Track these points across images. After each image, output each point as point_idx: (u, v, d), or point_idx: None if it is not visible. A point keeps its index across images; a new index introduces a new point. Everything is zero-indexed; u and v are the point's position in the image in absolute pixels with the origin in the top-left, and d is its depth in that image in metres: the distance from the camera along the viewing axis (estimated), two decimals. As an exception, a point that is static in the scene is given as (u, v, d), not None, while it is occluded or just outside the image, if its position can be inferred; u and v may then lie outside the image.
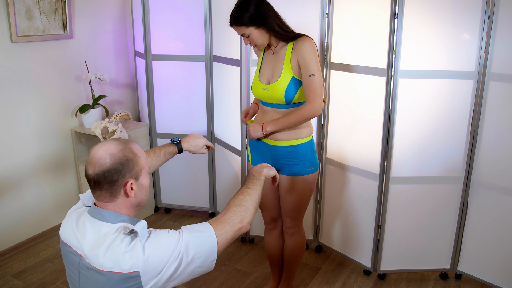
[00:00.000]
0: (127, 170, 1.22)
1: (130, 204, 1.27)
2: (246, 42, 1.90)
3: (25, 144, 2.77)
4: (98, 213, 1.24)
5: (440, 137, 2.24)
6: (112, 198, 1.23)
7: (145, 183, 1.29)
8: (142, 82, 3.18)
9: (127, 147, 1.24)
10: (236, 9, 1.84)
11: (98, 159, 1.20)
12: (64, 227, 1.30)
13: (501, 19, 2.01)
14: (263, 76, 1.93)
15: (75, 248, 1.24)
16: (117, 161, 1.20)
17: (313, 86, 1.80)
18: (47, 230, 2.98)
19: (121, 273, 1.14)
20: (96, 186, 1.22)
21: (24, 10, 2.60)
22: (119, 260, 1.14)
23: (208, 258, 1.22)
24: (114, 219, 1.23)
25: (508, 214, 2.21)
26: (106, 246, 1.17)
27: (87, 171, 1.23)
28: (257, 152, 2.06)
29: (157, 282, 1.16)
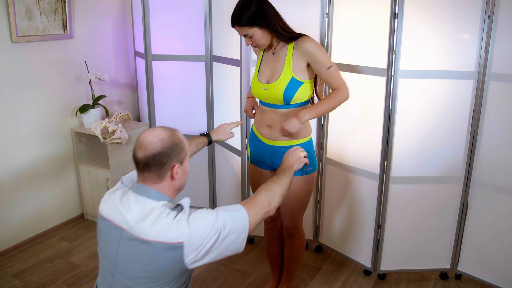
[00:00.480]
0: (175, 154, 1.33)
1: (174, 186, 1.37)
2: (248, 43, 1.87)
3: (25, 144, 2.77)
4: (143, 190, 1.34)
5: (440, 137, 2.24)
6: (159, 180, 1.34)
7: (187, 168, 1.42)
8: (142, 82, 3.18)
9: (175, 134, 1.36)
10: (238, 9, 1.82)
11: (149, 143, 1.31)
12: (105, 205, 1.39)
13: (501, 19, 2.01)
14: (262, 75, 1.93)
15: (117, 222, 1.32)
16: (167, 145, 1.32)
17: (335, 76, 1.86)
18: (47, 230, 2.98)
19: (166, 243, 1.23)
20: (145, 168, 1.33)
21: (24, 10, 2.60)
22: (165, 230, 1.24)
23: (240, 236, 1.32)
24: (159, 197, 1.33)
25: (508, 214, 2.21)
26: (153, 218, 1.26)
27: (136, 154, 1.34)
28: (257, 152, 2.06)
29: (196, 255, 1.26)
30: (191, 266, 1.29)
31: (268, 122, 1.97)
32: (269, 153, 2.00)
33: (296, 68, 1.86)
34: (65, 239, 2.94)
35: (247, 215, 1.35)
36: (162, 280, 1.29)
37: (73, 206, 3.15)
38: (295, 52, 1.86)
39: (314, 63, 1.85)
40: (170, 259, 1.25)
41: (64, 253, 2.77)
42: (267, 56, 1.95)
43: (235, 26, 1.85)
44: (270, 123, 1.96)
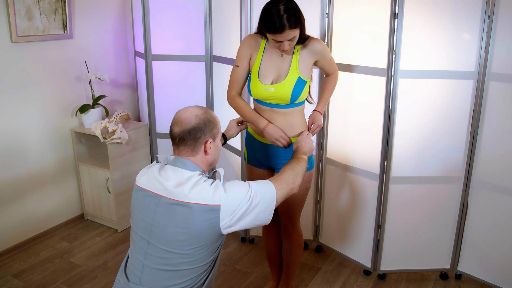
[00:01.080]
0: (208, 130, 1.45)
1: (207, 161, 1.49)
2: (287, 47, 1.78)
3: (25, 144, 2.77)
4: (180, 162, 1.44)
5: (440, 137, 2.24)
6: (193, 153, 1.45)
7: (219, 145, 1.53)
8: (142, 82, 3.18)
9: (208, 112, 1.48)
10: (285, 12, 1.71)
11: (185, 118, 1.43)
12: (142, 177, 1.48)
13: (501, 19, 2.01)
14: (264, 77, 1.90)
15: (155, 191, 1.42)
16: (201, 121, 1.43)
17: (333, 63, 2.04)
18: (47, 230, 2.98)
19: (205, 205, 1.35)
20: (181, 142, 1.44)
21: (24, 10, 2.60)
22: (204, 193, 1.35)
23: (269, 207, 1.44)
24: (194, 168, 1.44)
25: (508, 214, 2.21)
26: (192, 183, 1.38)
27: (173, 130, 1.45)
28: (254, 152, 2.06)
29: (231, 219, 1.37)
30: (225, 231, 1.39)
31: None
32: (266, 153, 2.00)
33: (302, 68, 1.88)
34: (65, 239, 2.94)
35: (275, 189, 1.47)
36: (197, 244, 1.38)
37: (73, 206, 3.15)
38: (304, 53, 1.89)
39: (323, 59, 1.96)
40: (207, 222, 1.35)
41: (64, 253, 2.77)
42: (270, 57, 1.91)
43: (285, 30, 1.72)
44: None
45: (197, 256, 1.40)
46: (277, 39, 1.75)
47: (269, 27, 1.74)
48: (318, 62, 1.96)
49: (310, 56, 1.90)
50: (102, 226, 3.10)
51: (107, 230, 3.06)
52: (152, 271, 1.41)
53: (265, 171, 2.07)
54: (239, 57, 1.96)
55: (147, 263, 1.42)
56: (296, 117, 1.95)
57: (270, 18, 1.73)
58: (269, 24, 1.73)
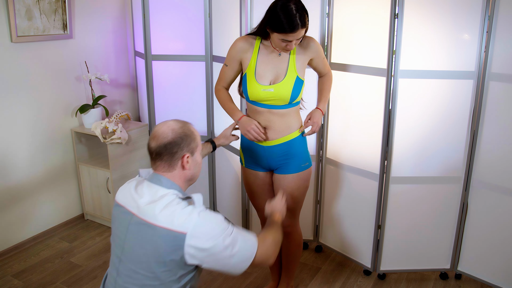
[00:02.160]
0: (185, 144, 1.40)
1: (185, 176, 1.44)
2: (293, 47, 1.78)
3: (25, 144, 2.77)
4: (156, 179, 1.41)
5: (440, 137, 2.24)
6: (170, 169, 1.41)
7: (199, 159, 1.47)
8: (142, 82, 3.18)
9: (186, 126, 1.43)
10: (297, 11, 1.70)
11: (162, 133, 1.39)
12: (121, 192, 1.46)
13: (501, 19, 2.01)
14: (262, 77, 1.89)
15: (129, 207, 1.39)
16: (178, 135, 1.39)
17: (326, 62, 2.07)
18: (47, 230, 2.98)
19: (170, 230, 1.29)
20: (157, 157, 1.40)
21: (24, 10, 2.60)
22: (173, 217, 1.29)
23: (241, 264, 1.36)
24: (170, 186, 1.39)
25: (508, 214, 2.21)
26: (163, 203, 1.33)
27: (150, 144, 1.42)
28: (250, 155, 2.05)
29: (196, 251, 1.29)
30: (190, 261, 1.32)
31: (264, 124, 1.95)
32: (265, 155, 2.00)
33: (299, 67, 1.89)
34: (65, 239, 2.94)
35: (256, 249, 1.40)
36: (164, 267, 1.32)
37: (73, 206, 3.15)
38: (301, 51, 1.89)
39: (317, 58, 1.98)
40: (171, 247, 1.29)
41: (64, 253, 2.77)
42: (266, 57, 1.90)
43: (298, 29, 1.71)
44: (267, 124, 1.95)
45: (165, 280, 1.34)
46: (287, 38, 1.74)
47: (279, 26, 1.72)
48: (313, 61, 1.98)
49: (306, 55, 1.91)
50: (102, 226, 3.10)
51: (107, 230, 3.06)
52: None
53: (264, 173, 2.06)
54: (228, 58, 1.96)
55: (118, 280, 1.39)
56: (293, 117, 1.96)
57: (280, 17, 1.70)
58: (279, 24, 1.71)
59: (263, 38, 1.90)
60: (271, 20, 1.74)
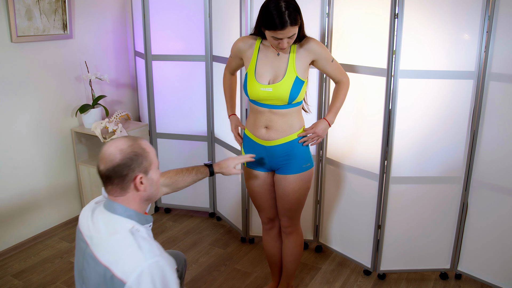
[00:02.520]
0: (136, 165, 1.28)
1: (140, 198, 1.33)
2: (286, 45, 1.79)
3: (25, 144, 2.77)
4: (110, 206, 1.32)
5: (440, 137, 2.24)
6: (122, 192, 1.30)
7: (155, 177, 1.35)
8: (142, 82, 3.18)
9: (136, 143, 1.31)
10: (287, 8, 1.71)
11: (109, 155, 1.28)
12: (82, 214, 1.39)
13: (501, 19, 2.01)
14: (260, 76, 1.90)
15: (84, 236, 1.32)
16: (126, 156, 1.27)
17: (338, 66, 2.00)
18: (47, 230, 2.98)
19: (111, 271, 1.20)
20: (108, 181, 1.30)
21: (24, 10, 2.60)
22: (118, 260, 1.20)
23: None
24: (123, 212, 1.30)
25: (508, 214, 2.21)
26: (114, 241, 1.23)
27: (99, 167, 1.30)
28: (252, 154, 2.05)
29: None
30: None
31: (266, 124, 1.96)
32: (267, 155, 2.00)
33: (299, 67, 1.88)
34: (65, 239, 2.94)
35: None
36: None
37: (73, 206, 3.15)
38: (300, 52, 1.88)
39: (320, 60, 1.93)
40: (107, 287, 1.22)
41: (64, 253, 2.77)
42: (266, 57, 1.91)
43: (286, 27, 1.72)
44: (268, 124, 1.95)
45: None
46: (277, 36, 1.75)
47: (269, 24, 1.74)
48: (317, 64, 1.94)
49: (307, 56, 1.90)
50: (102, 226, 3.10)
51: (107, 230, 3.05)
52: None
53: (266, 173, 2.06)
54: (231, 53, 2.07)
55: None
56: (295, 118, 1.95)
57: (270, 14, 1.72)
58: (270, 21, 1.73)
59: (263, 38, 1.91)
60: (263, 18, 1.77)
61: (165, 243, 2.87)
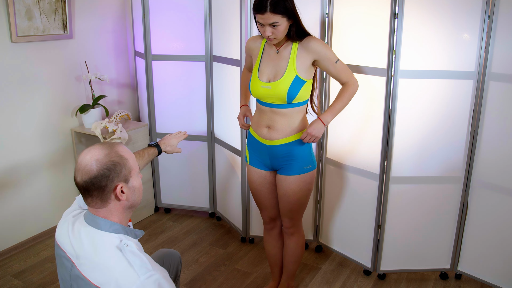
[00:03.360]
0: (115, 175, 1.20)
1: (123, 207, 1.25)
2: (268, 33, 1.80)
3: (25, 144, 2.77)
4: (93, 221, 1.23)
5: (440, 137, 2.24)
6: (103, 204, 1.22)
7: (136, 184, 1.27)
8: (142, 82, 3.18)
9: (113, 151, 1.22)
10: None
11: (85, 166, 1.19)
12: (59, 230, 1.29)
13: (501, 19, 2.01)
14: (262, 74, 1.92)
15: (68, 254, 1.23)
16: (104, 166, 1.19)
17: (344, 68, 1.95)
18: (47, 230, 2.98)
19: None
20: (87, 193, 1.21)
21: (24, 10, 2.60)
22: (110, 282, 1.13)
23: None
24: (109, 227, 1.21)
25: (508, 214, 2.21)
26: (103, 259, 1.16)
27: (75, 178, 1.22)
28: (256, 153, 2.06)
29: None
30: None
31: (267, 123, 1.96)
32: (269, 154, 2.00)
33: (300, 67, 1.87)
34: (65, 239, 2.94)
35: None
36: None
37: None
38: (301, 51, 1.88)
39: (322, 60, 1.90)
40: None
41: (64, 253, 2.76)
42: (268, 55, 1.94)
43: (265, 12, 1.74)
44: (270, 124, 1.96)
45: None
46: (258, 20, 1.79)
47: (253, 5, 1.78)
48: (319, 64, 1.92)
49: (307, 55, 1.88)
50: (102, 226, 3.10)
51: (107, 230, 3.05)
52: None
53: (267, 172, 2.07)
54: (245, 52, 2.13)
55: None
56: (297, 119, 1.95)
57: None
58: (255, 3, 1.78)
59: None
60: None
61: (165, 243, 2.87)
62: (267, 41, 1.89)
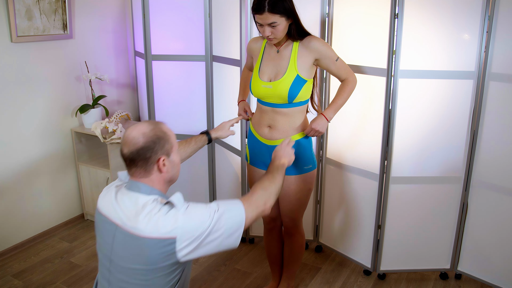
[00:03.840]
0: (159, 147, 1.34)
1: (163, 179, 1.39)
2: (268, 33, 1.80)
3: (25, 144, 2.77)
4: (134, 186, 1.36)
5: (440, 137, 2.24)
6: (146, 174, 1.36)
7: (176, 160, 1.42)
8: (142, 82, 3.18)
9: (157, 127, 1.37)
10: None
11: (132, 139, 1.33)
12: (102, 200, 1.42)
13: (501, 19, 2.01)
14: (263, 74, 1.93)
15: (112, 218, 1.35)
16: (149, 139, 1.33)
17: (343, 66, 1.97)
18: (47, 230, 2.98)
19: (158, 238, 1.25)
20: (132, 164, 1.35)
21: (24, 10, 2.60)
22: (158, 226, 1.26)
23: (236, 232, 1.34)
24: (149, 192, 1.35)
25: (508, 214, 2.21)
26: (145, 213, 1.28)
27: (122, 150, 1.36)
28: (257, 153, 2.06)
29: (189, 249, 1.28)
30: (184, 259, 1.30)
31: (268, 123, 1.97)
32: (269, 154, 2.00)
33: (301, 66, 1.87)
34: (65, 239, 2.94)
35: (244, 213, 1.36)
36: (156, 274, 1.31)
37: (73, 206, 3.15)
38: (302, 50, 1.88)
39: (323, 59, 1.91)
40: (162, 254, 1.27)
41: (64, 253, 2.77)
42: (269, 55, 1.94)
43: (264, 12, 1.74)
44: (271, 123, 1.96)
45: (159, 284, 1.33)
46: (258, 20, 1.80)
47: (252, 6, 1.79)
48: (320, 63, 1.92)
49: (309, 54, 1.89)
50: (102, 226, 3.10)
51: (107, 230, 3.05)
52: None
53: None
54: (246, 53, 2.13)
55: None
56: (298, 118, 1.95)
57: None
58: (253, 3, 1.78)
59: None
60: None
61: (165, 243, 2.87)
62: (267, 41, 1.89)
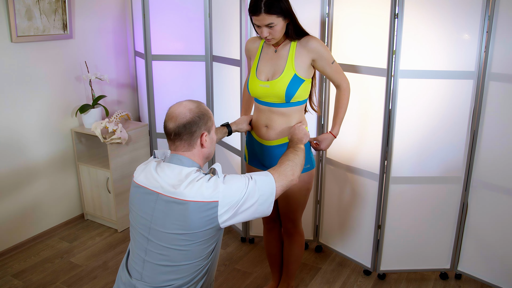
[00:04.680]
0: (203, 123, 1.46)
1: (203, 154, 1.50)
2: (266, 34, 1.81)
3: (25, 144, 2.77)
4: (176, 159, 1.46)
5: (440, 137, 2.24)
6: (189, 148, 1.46)
7: (215, 137, 1.55)
8: (142, 82, 3.18)
9: (202, 105, 1.50)
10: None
11: (179, 113, 1.45)
12: (140, 174, 1.50)
13: (501, 19, 2.01)
14: (260, 73, 1.92)
15: (152, 188, 1.43)
16: (196, 115, 1.45)
17: (338, 69, 1.98)
18: (47, 230, 2.98)
19: (202, 202, 1.35)
20: (177, 137, 1.45)
21: (24, 10, 2.60)
22: (201, 191, 1.36)
23: (268, 200, 1.44)
24: (191, 164, 1.45)
25: (508, 214, 2.21)
26: (189, 181, 1.38)
27: (167, 126, 1.46)
28: (254, 153, 2.06)
29: (229, 214, 1.38)
30: (223, 225, 1.40)
31: (266, 122, 1.96)
32: (266, 154, 2.00)
33: (298, 66, 1.87)
34: (65, 239, 2.94)
35: (274, 182, 1.47)
36: (196, 240, 1.39)
37: (73, 206, 3.15)
38: (300, 50, 1.88)
39: (320, 60, 1.90)
40: (205, 218, 1.36)
41: (64, 253, 2.77)
42: (267, 54, 1.94)
43: (260, 13, 1.75)
44: (268, 123, 1.96)
45: (196, 251, 1.41)
46: (254, 22, 1.80)
47: (249, 7, 1.80)
48: (316, 63, 1.91)
49: (306, 54, 1.88)
50: (102, 226, 3.10)
51: (107, 230, 3.06)
52: (153, 267, 1.43)
53: None
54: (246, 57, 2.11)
55: (147, 259, 1.44)
56: (295, 118, 1.95)
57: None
58: (250, 5, 1.79)
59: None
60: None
61: (165, 243, 2.87)
62: (266, 41, 1.89)
